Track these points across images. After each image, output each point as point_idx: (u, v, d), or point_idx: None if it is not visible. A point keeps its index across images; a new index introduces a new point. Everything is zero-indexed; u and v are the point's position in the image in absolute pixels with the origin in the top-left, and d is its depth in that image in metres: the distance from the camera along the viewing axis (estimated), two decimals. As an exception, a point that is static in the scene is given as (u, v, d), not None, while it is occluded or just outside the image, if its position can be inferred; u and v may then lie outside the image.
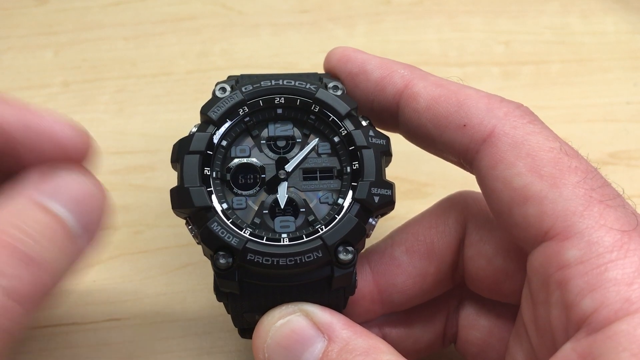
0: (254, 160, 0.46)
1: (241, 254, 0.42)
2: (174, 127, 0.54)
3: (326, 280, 0.43)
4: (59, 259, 0.36)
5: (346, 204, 0.44)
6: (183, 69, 0.71)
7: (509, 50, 0.72)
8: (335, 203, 0.45)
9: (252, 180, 0.45)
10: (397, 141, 0.47)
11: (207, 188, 0.43)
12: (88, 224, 0.38)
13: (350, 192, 0.44)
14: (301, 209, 0.45)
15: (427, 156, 0.48)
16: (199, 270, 0.58)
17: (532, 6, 0.75)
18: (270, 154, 0.46)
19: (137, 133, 0.66)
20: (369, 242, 0.46)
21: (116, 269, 0.58)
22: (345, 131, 0.45)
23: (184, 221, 0.44)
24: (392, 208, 0.45)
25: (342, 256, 0.42)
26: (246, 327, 0.46)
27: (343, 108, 0.45)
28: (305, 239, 0.43)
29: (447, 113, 0.43)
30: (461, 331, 0.49)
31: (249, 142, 0.46)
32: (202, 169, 0.44)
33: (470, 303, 0.49)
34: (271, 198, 0.45)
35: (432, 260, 0.46)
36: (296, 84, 0.46)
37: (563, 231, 0.38)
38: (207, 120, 0.45)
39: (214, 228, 0.42)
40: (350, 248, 0.43)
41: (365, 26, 0.73)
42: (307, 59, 0.71)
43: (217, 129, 0.45)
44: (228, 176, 0.45)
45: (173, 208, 0.44)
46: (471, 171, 0.44)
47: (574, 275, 0.37)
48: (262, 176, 0.45)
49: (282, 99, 0.46)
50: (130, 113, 0.66)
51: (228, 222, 0.43)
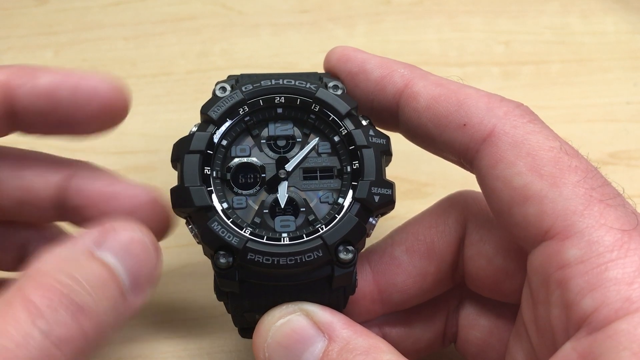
0: (254, 159, 0.46)
1: (241, 254, 0.42)
2: (174, 127, 0.54)
3: (326, 280, 0.43)
4: (107, 311, 0.36)
5: (346, 203, 0.44)
6: (183, 69, 0.71)
7: (509, 50, 0.72)
8: (336, 202, 0.45)
9: (252, 180, 0.45)
10: (397, 141, 0.47)
11: (207, 187, 0.43)
12: (140, 280, 0.39)
13: (351, 191, 0.44)
14: (301, 209, 0.45)
15: (427, 156, 0.48)
16: (199, 270, 0.58)
17: (532, 6, 0.75)
18: (270, 153, 0.46)
19: (137, 133, 0.66)
20: (369, 241, 0.46)
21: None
22: (346, 130, 0.45)
23: (184, 221, 0.44)
24: (393, 207, 0.45)
25: (342, 255, 0.42)
26: (246, 327, 0.46)
27: (343, 107, 0.45)
28: (305, 239, 0.43)
29: (447, 112, 0.43)
30: (461, 331, 0.49)
31: (249, 141, 0.46)
32: (202, 169, 0.44)
33: (470, 303, 0.49)
34: (271, 197, 0.45)
35: (432, 260, 0.46)
36: (296, 83, 0.46)
37: (563, 230, 0.38)
38: (207, 119, 0.45)
39: (214, 227, 0.42)
40: (350, 247, 0.43)
41: (365, 26, 0.73)
42: (307, 59, 0.71)
43: (218, 128, 0.45)
44: (228, 176, 0.45)
45: (173, 207, 0.44)
46: (471, 170, 0.44)
47: (574, 275, 0.36)
48: (263, 176, 0.45)
49: (282, 98, 0.46)
50: (130, 113, 0.65)
51: (228, 222, 0.43)
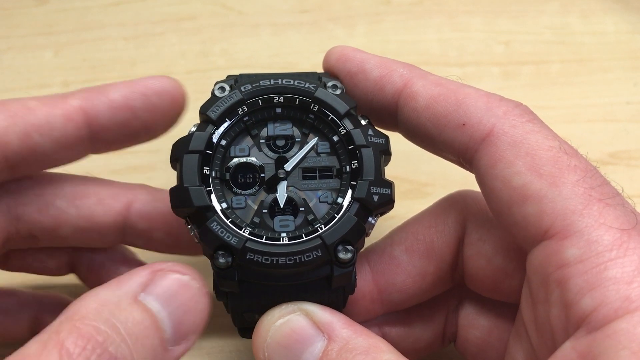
0: (253, 159, 0.46)
1: (241, 253, 0.42)
2: (174, 127, 0.54)
3: (326, 280, 0.43)
4: None
5: (345, 203, 0.44)
6: (183, 69, 0.71)
7: (509, 50, 0.72)
8: (335, 202, 0.45)
9: (251, 180, 0.45)
10: (397, 141, 0.47)
11: (206, 187, 0.43)
12: (183, 329, 0.38)
13: (350, 191, 0.44)
14: (300, 208, 0.45)
15: (426, 156, 0.48)
16: (198, 269, 0.58)
17: (532, 6, 0.75)
18: (269, 153, 0.46)
19: (137, 133, 0.66)
20: (368, 241, 0.46)
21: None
22: (345, 130, 0.45)
23: (184, 220, 0.44)
24: (392, 207, 0.45)
25: (341, 255, 0.42)
26: (246, 327, 0.46)
27: (342, 107, 0.45)
28: (304, 238, 0.43)
29: (446, 112, 0.43)
30: (461, 330, 0.49)
31: (248, 141, 0.46)
32: (201, 169, 0.44)
33: (470, 302, 0.49)
34: (270, 197, 0.45)
35: (432, 260, 0.46)
36: (295, 83, 0.46)
37: (562, 230, 0.38)
38: (207, 119, 0.45)
39: (214, 227, 0.42)
40: (349, 247, 0.43)
41: (365, 26, 0.74)
42: (307, 59, 0.71)
43: (217, 128, 0.45)
44: (227, 175, 0.45)
45: (172, 207, 0.43)
46: (470, 170, 0.44)
47: (573, 274, 0.36)
48: (262, 175, 0.45)
49: (281, 98, 0.46)
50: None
51: (227, 222, 0.43)
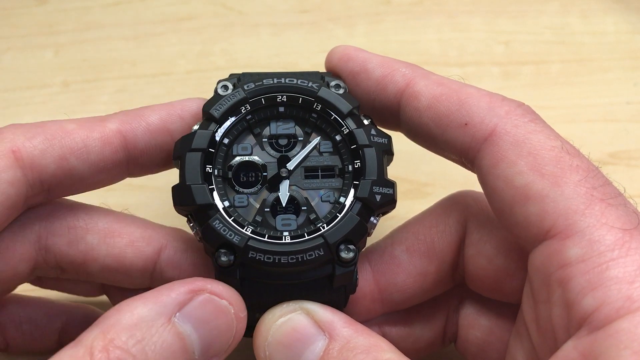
0: (255, 158, 0.46)
1: (243, 252, 0.42)
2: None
3: (327, 279, 0.43)
4: None
5: (348, 202, 0.44)
6: (183, 69, 0.71)
7: (509, 50, 0.72)
8: (337, 201, 0.45)
9: (253, 178, 0.45)
10: (398, 141, 0.47)
11: (208, 186, 0.43)
12: (212, 351, 0.38)
13: (352, 190, 0.44)
14: (303, 207, 0.45)
15: (427, 156, 0.48)
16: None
17: (532, 6, 0.75)
18: (272, 152, 0.46)
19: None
20: (369, 241, 0.46)
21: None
22: (347, 130, 0.45)
23: (185, 219, 0.44)
24: (394, 207, 0.45)
25: (343, 254, 0.42)
26: (247, 325, 0.46)
27: (345, 107, 0.45)
28: (306, 237, 0.43)
29: (448, 112, 0.43)
30: (461, 330, 0.49)
31: (250, 140, 0.46)
32: (204, 167, 0.44)
33: (471, 302, 0.49)
34: (273, 196, 0.45)
35: (433, 260, 0.46)
36: (298, 82, 0.46)
37: (564, 230, 0.38)
38: (209, 117, 0.45)
39: (216, 226, 0.42)
40: (351, 246, 0.43)
41: (365, 26, 0.74)
42: (307, 59, 0.71)
43: (219, 126, 0.45)
44: (230, 174, 0.45)
45: (175, 205, 0.44)
46: (472, 170, 0.44)
47: (575, 274, 0.36)
48: (264, 174, 0.45)
49: (284, 97, 0.46)
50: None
51: (230, 220, 0.43)
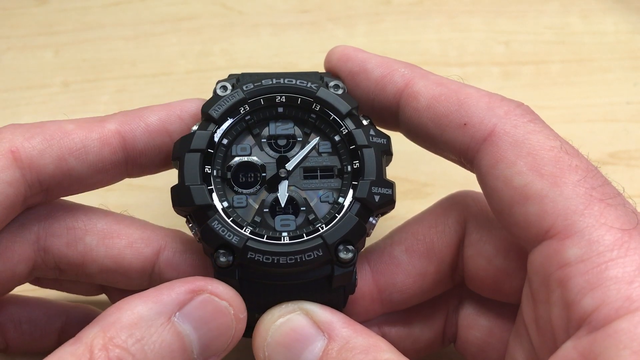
0: (254, 158, 0.46)
1: (242, 253, 0.42)
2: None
3: (326, 279, 0.43)
4: None
5: (347, 202, 0.44)
6: (183, 69, 0.71)
7: (509, 50, 0.72)
8: (336, 202, 0.45)
9: (252, 179, 0.45)
10: (397, 141, 0.47)
11: (207, 186, 0.43)
12: (211, 351, 0.38)
13: (351, 191, 0.44)
14: (302, 208, 0.45)
15: (427, 156, 0.48)
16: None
17: (532, 6, 0.75)
18: (271, 152, 0.46)
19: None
20: (368, 241, 0.46)
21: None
22: (346, 130, 0.45)
23: (184, 220, 0.44)
24: (393, 207, 0.45)
25: (342, 255, 0.42)
26: (246, 326, 0.46)
27: (344, 107, 0.45)
28: (305, 238, 0.43)
29: (447, 112, 0.43)
30: (461, 331, 0.49)
31: (249, 140, 0.46)
32: (202, 167, 0.44)
33: (470, 303, 0.49)
34: (272, 197, 0.45)
35: (432, 260, 0.46)
36: (297, 82, 0.46)
37: (564, 230, 0.38)
38: (208, 118, 0.45)
39: (215, 226, 0.42)
40: (350, 247, 0.43)
41: (365, 26, 0.74)
42: (307, 59, 0.71)
43: (218, 127, 0.45)
44: (229, 174, 0.45)
45: (174, 206, 0.44)
46: (472, 170, 0.44)
47: (574, 274, 0.36)
48: (263, 175, 0.45)
49: (283, 97, 0.46)
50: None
51: (228, 221, 0.43)
